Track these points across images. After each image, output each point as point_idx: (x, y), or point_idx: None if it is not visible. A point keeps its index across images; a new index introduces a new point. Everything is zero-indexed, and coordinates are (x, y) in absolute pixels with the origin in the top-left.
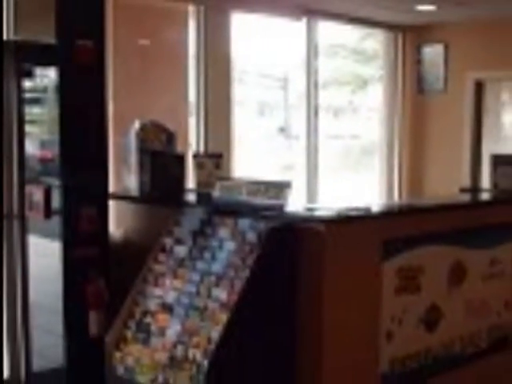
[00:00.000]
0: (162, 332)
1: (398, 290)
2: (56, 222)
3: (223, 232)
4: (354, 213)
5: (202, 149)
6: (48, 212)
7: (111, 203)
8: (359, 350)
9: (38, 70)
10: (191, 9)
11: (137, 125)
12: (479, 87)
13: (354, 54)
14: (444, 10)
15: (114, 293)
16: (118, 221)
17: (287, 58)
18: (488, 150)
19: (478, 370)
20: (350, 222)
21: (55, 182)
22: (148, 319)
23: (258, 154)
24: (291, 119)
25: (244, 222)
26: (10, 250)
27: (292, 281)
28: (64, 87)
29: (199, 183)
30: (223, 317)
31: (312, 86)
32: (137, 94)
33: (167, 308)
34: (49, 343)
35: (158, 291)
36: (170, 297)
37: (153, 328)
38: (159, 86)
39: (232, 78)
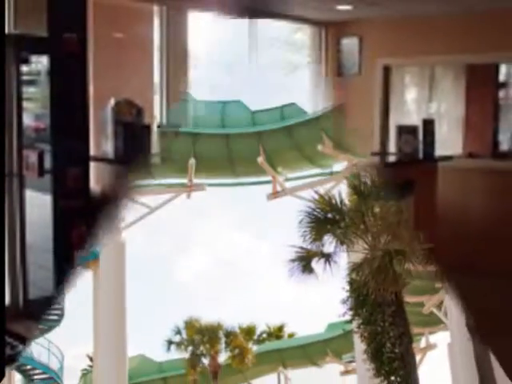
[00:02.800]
0: None
1: None
2: (48, 179)
3: None
4: None
5: (164, 121)
6: (41, 171)
7: (92, 164)
8: None
9: (33, 58)
10: (156, 8)
11: (112, 102)
12: (387, 71)
13: (287, 44)
14: (359, 10)
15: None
16: (97, 179)
17: (233, 48)
18: (394, 121)
19: None
20: None
21: (47, 147)
22: None
23: None
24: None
25: None
26: (10, 202)
27: None
28: (54, 71)
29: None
30: None
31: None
32: (112, 77)
33: None
34: (42, 276)
35: None
36: None
37: None
38: (130, 71)
39: (188, 64)
